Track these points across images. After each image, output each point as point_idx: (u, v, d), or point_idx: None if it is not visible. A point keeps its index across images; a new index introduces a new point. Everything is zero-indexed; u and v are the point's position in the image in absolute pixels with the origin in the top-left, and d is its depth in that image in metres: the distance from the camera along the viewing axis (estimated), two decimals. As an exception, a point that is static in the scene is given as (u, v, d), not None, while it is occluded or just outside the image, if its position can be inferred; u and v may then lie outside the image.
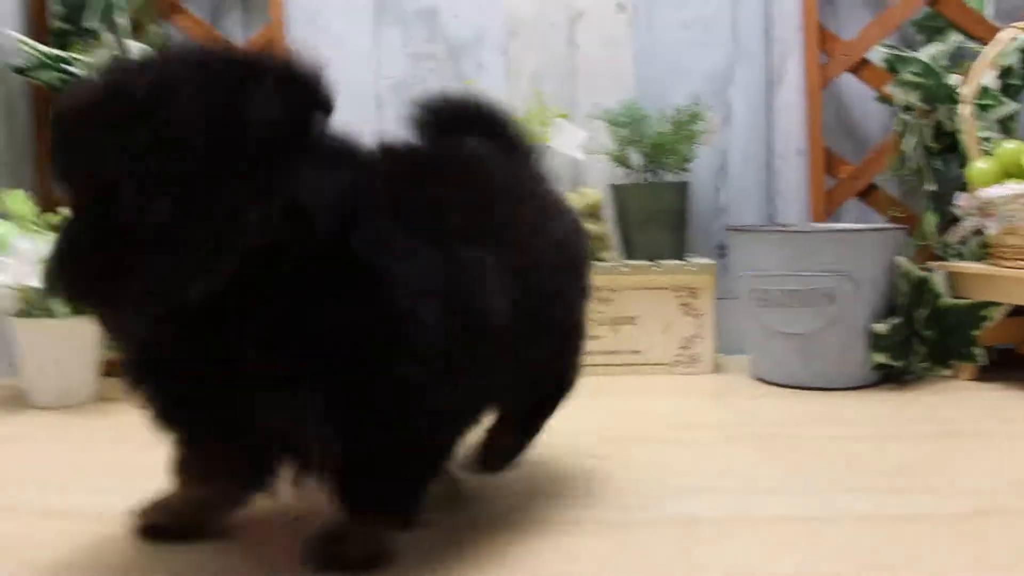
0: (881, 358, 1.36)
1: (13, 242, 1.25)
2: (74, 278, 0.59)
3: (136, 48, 1.48)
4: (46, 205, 1.58)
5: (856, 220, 1.60)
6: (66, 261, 0.58)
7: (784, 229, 1.48)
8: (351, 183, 0.65)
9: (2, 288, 1.28)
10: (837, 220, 1.60)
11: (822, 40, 1.57)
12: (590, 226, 1.51)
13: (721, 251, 1.66)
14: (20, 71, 1.56)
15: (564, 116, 1.56)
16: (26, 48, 1.46)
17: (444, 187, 0.74)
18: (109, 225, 0.56)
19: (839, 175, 1.58)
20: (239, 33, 1.68)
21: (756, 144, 1.64)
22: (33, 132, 1.64)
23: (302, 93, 0.62)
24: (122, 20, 1.47)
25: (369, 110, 1.67)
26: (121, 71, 0.60)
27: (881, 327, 1.35)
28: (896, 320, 1.35)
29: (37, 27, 1.64)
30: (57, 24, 1.59)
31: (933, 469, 0.97)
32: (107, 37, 1.49)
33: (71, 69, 1.48)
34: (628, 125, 1.51)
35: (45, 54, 1.47)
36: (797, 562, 0.72)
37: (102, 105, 0.57)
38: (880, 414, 1.23)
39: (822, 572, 0.70)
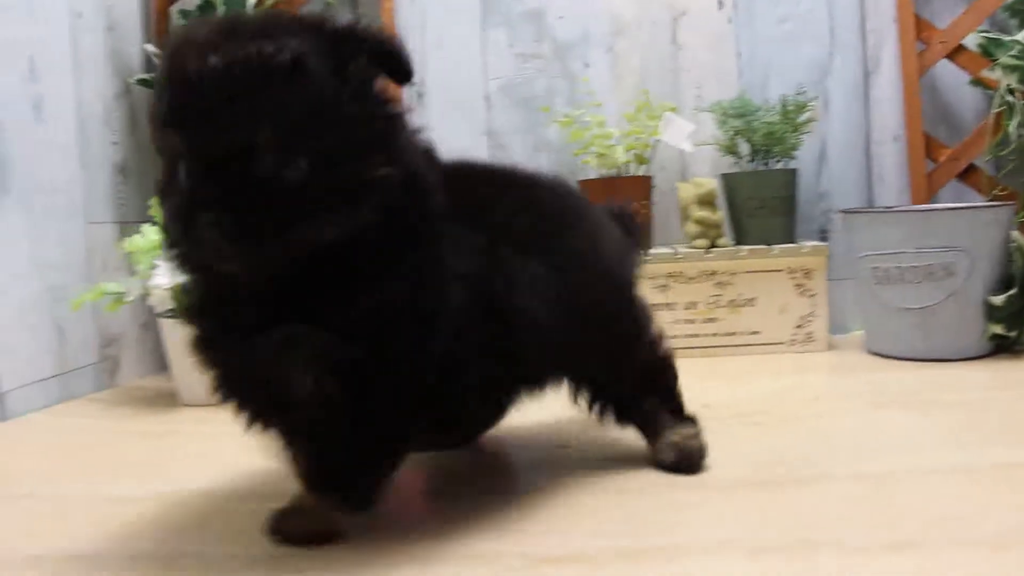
0: (997, 329, 1.43)
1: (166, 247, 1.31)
2: (213, 225, 0.61)
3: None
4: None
5: (952, 202, 1.66)
6: (203, 211, 0.61)
7: (903, 209, 1.54)
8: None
9: (158, 290, 1.34)
10: (935, 203, 1.66)
11: (918, 29, 1.64)
12: (706, 214, 1.58)
13: (823, 235, 1.73)
14: (145, 84, 1.63)
15: (673, 109, 1.62)
16: (157, 59, 1.53)
17: (505, 202, 0.81)
18: (249, 179, 0.61)
19: (938, 158, 1.65)
20: (351, 41, 1.75)
21: (854, 132, 1.71)
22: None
23: (407, 64, 0.69)
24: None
25: (479, 110, 1.74)
26: (244, 35, 0.63)
27: (997, 299, 1.42)
28: (1011, 292, 1.42)
29: (158, 40, 1.71)
30: (183, 38, 1.66)
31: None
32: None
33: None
34: (740, 117, 1.58)
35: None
36: (984, 504, 0.78)
37: (242, 70, 0.61)
38: (1008, 379, 1.30)
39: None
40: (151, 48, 1.53)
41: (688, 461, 0.90)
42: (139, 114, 1.68)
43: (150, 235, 1.37)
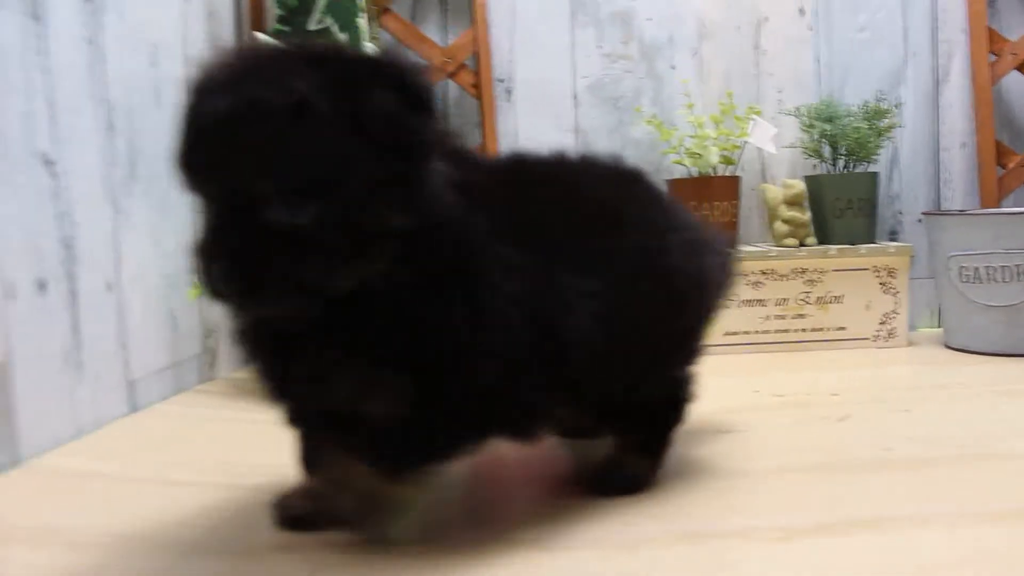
0: (1077, 326, 1.51)
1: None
2: (229, 274, 0.60)
3: (371, 49, 1.55)
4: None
5: (1016, 206, 1.75)
6: (220, 258, 0.60)
7: (994, 212, 1.62)
8: (468, 197, 0.68)
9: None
10: (1003, 207, 1.75)
11: (991, 41, 1.72)
12: (795, 214, 1.64)
13: (892, 235, 1.80)
14: (245, 72, 1.62)
15: (758, 112, 1.68)
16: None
17: (555, 213, 0.76)
18: (261, 227, 0.59)
19: (1007, 164, 1.73)
20: (438, 35, 1.76)
21: (924, 138, 1.79)
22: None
23: (427, 98, 0.64)
24: (362, 21, 1.54)
25: (567, 107, 1.77)
26: (251, 76, 0.61)
27: (1080, 298, 1.50)
28: (1092, 292, 1.51)
29: (253, 32, 1.70)
30: (276, 27, 1.65)
31: None
32: (340, 37, 1.55)
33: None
34: (828, 121, 1.64)
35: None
36: None
37: (250, 117, 0.59)
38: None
39: None
40: (260, 35, 1.52)
41: (609, 483, 0.85)
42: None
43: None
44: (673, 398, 0.88)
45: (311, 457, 0.76)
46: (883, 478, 0.89)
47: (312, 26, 1.59)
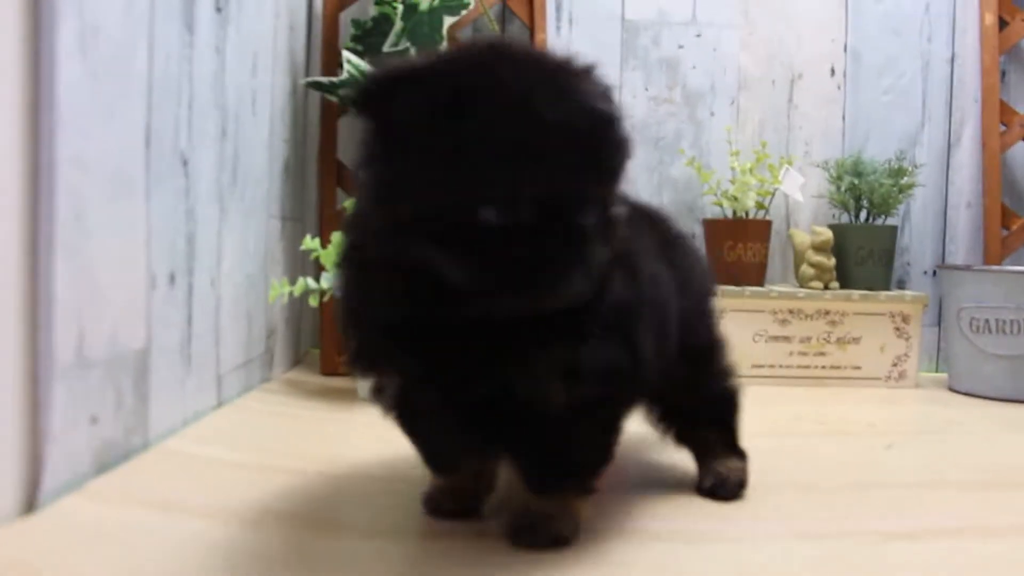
0: (1073, 378, 1.66)
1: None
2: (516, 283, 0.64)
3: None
4: (329, 205, 1.73)
5: (1014, 264, 1.91)
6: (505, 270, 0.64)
7: (1007, 270, 1.77)
8: None
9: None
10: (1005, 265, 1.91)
11: (1001, 112, 1.88)
12: (822, 259, 1.77)
13: (900, 284, 1.95)
14: (318, 86, 1.70)
15: (790, 163, 1.81)
16: (350, 66, 1.60)
17: (648, 240, 0.85)
18: (546, 233, 0.64)
19: (1011, 226, 1.89)
20: (495, 67, 1.86)
21: (934, 196, 1.94)
22: (320, 145, 1.78)
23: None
24: (441, 42, 1.63)
25: (612, 144, 1.88)
26: (543, 87, 0.65)
27: (1076, 352, 1.66)
28: (1087, 347, 1.66)
29: (325, 50, 1.78)
30: (349, 44, 1.73)
31: None
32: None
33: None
34: (857, 175, 1.78)
35: (364, 72, 1.61)
36: None
37: (564, 121, 0.63)
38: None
39: None
40: (347, 53, 1.60)
41: (725, 488, 0.94)
42: (300, 115, 1.74)
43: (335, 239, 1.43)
44: (722, 391, 1.00)
45: (441, 460, 0.84)
46: (942, 494, 1.00)
47: (387, 48, 1.68)
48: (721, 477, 0.96)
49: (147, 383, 1.05)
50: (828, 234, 1.77)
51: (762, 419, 1.43)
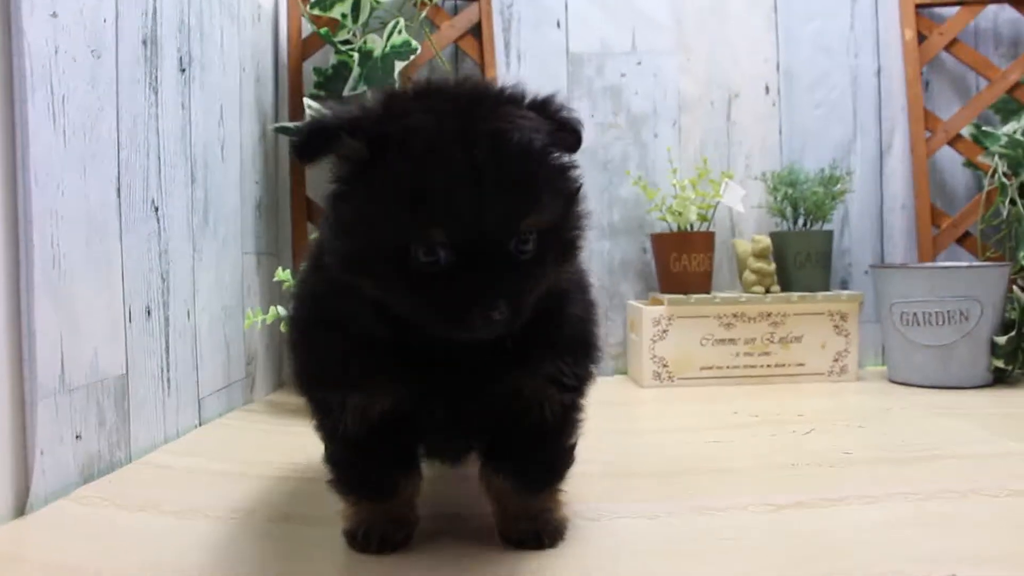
0: (999, 363, 1.78)
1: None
2: (496, 303, 0.68)
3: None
4: (302, 239, 1.87)
5: (947, 261, 2.03)
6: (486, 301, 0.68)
7: (929, 266, 1.90)
8: None
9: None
10: (937, 262, 2.03)
11: (926, 120, 2.02)
12: (762, 265, 1.90)
13: (843, 284, 2.07)
14: (285, 131, 1.84)
15: (731, 176, 1.94)
16: (311, 111, 1.74)
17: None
18: (507, 255, 0.69)
19: (941, 225, 2.02)
20: (451, 102, 2.00)
21: (870, 200, 2.07)
22: (291, 184, 1.93)
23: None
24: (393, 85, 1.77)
25: (564, 168, 2.02)
26: (511, 117, 0.70)
27: (1001, 339, 1.78)
28: (1011, 334, 1.78)
29: (291, 97, 1.93)
30: (312, 91, 1.88)
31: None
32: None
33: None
34: (791, 185, 1.91)
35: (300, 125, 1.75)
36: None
37: (520, 159, 0.68)
38: (1006, 401, 1.66)
39: None
40: (310, 101, 1.74)
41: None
42: (271, 157, 1.89)
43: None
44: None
45: (380, 484, 0.85)
46: (847, 471, 1.13)
47: (347, 92, 1.82)
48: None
49: (128, 404, 1.18)
50: (766, 241, 1.90)
51: (701, 415, 1.56)
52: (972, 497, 1.00)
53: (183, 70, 1.40)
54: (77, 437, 1.04)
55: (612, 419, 1.57)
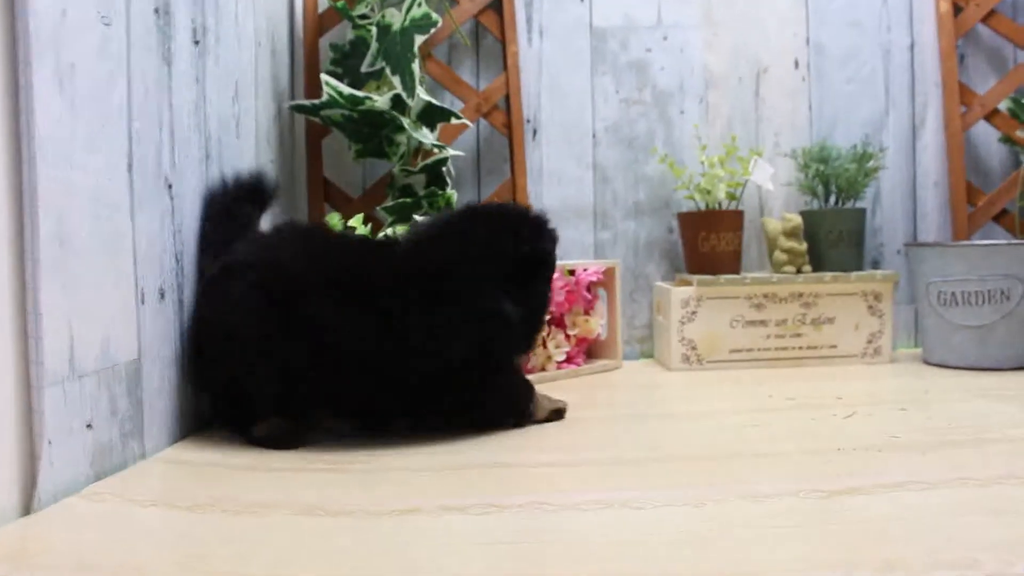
0: (1040, 344, 1.72)
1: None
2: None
3: (422, 92, 1.73)
4: (319, 220, 1.81)
5: (983, 239, 1.96)
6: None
7: (969, 244, 1.83)
8: None
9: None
10: (973, 240, 1.97)
11: (961, 94, 1.95)
12: (793, 244, 1.83)
13: (875, 264, 2.01)
14: (301, 109, 1.79)
15: (759, 154, 1.88)
16: (328, 88, 1.69)
17: None
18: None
19: (976, 203, 1.95)
20: (471, 79, 1.95)
21: (902, 177, 2.01)
22: (307, 164, 1.87)
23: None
24: (415, 66, 1.72)
25: (587, 146, 1.96)
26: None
27: (1042, 320, 1.71)
28: (1052, 314, 1.72)
29: (308, 74, 1.87)
30: (329, 67, 1.82)
31: None
32: (392, 80, 1.72)
33: (361, 107, 1.70)
34: (822, 162, 1.85)
35: (342, 93, 1.69)
36: None
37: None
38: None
39: None
40: (328, 80, 1.68)
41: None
42: (286, 136, 1.83)
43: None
44: None
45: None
46: (897, 456, 1.07)
47: (365, 68, 1.76)
48: None
49: (141, 391, 1.13)
50: (797, 220, 1.84)
51: (734, 398, 1.51)
52: (1036, 482, 0.94)
53: (197, 42, 1.34)
54: (88, 426, 0.99)
55: (643, 403, 1.52)
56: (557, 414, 1.32)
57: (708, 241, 1.84)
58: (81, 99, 0.98)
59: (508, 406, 1.28)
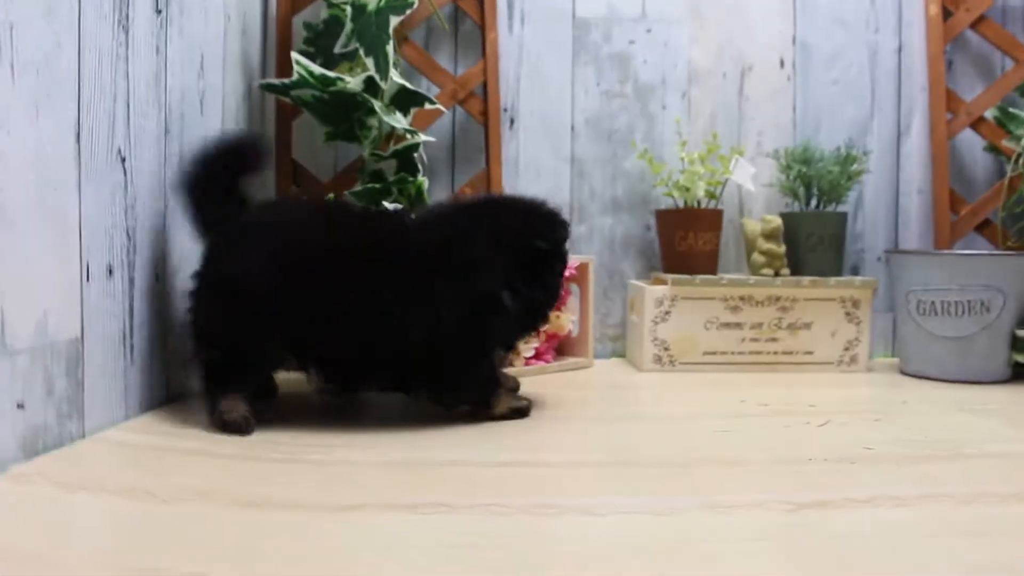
0: (1020, 357, 1.69)
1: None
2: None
3: (396, 76, 1.67)
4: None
5: (964, 249, 1.93)
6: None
7: (950, 253, 1.80)
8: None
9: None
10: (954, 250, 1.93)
11: (948, 100, 1.91)
12: (772, 246, 1.79)
13: (855, 270, 1.97)
14: (271, 88, 1.73)
15: (741, 153, 1.84)
16: (299, 67, 1.63)
17: None
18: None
19: (959, 211, 1.92)
20: (448, 65, 1.89)
21: (886, 183, 1.97)
22: (276, 145, 1.81)
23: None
24: (390, 48, 1.66)
25: (565, 139, 1.91)
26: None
27: (1022, 332, 1.68)
28: (1033, 327, 1.69)
29: (279, 53, 1.81)
30: (302, 47, 1.77)
31: None
32: (366, 62, 1.67)
33: (333, 88, 1.65)
34: (805, 163, 1.81)
35: (313, 73, 1.64)
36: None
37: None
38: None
39: None
40: (295, 55, 1.62)
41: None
42: (256, 115, 1.77)
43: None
44: None
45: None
46: (870, 468, 1.03)
47: (338, 49, 1.71)
48: None
49: (83, 370, 1.07)
50: (777, 222, 1.80)
51: (706, 402, 1.46)
52: (1014, 503, 0.90)
53: (159, 11, 1.28)
54: (19, 406, 0.93)
55: (611, 404, 1.47)
56: (518, 412, 1.28)
57: (686, 240, 1.80)
58: (23, 64, 0.92)
59: (475, 392, 1.26)
